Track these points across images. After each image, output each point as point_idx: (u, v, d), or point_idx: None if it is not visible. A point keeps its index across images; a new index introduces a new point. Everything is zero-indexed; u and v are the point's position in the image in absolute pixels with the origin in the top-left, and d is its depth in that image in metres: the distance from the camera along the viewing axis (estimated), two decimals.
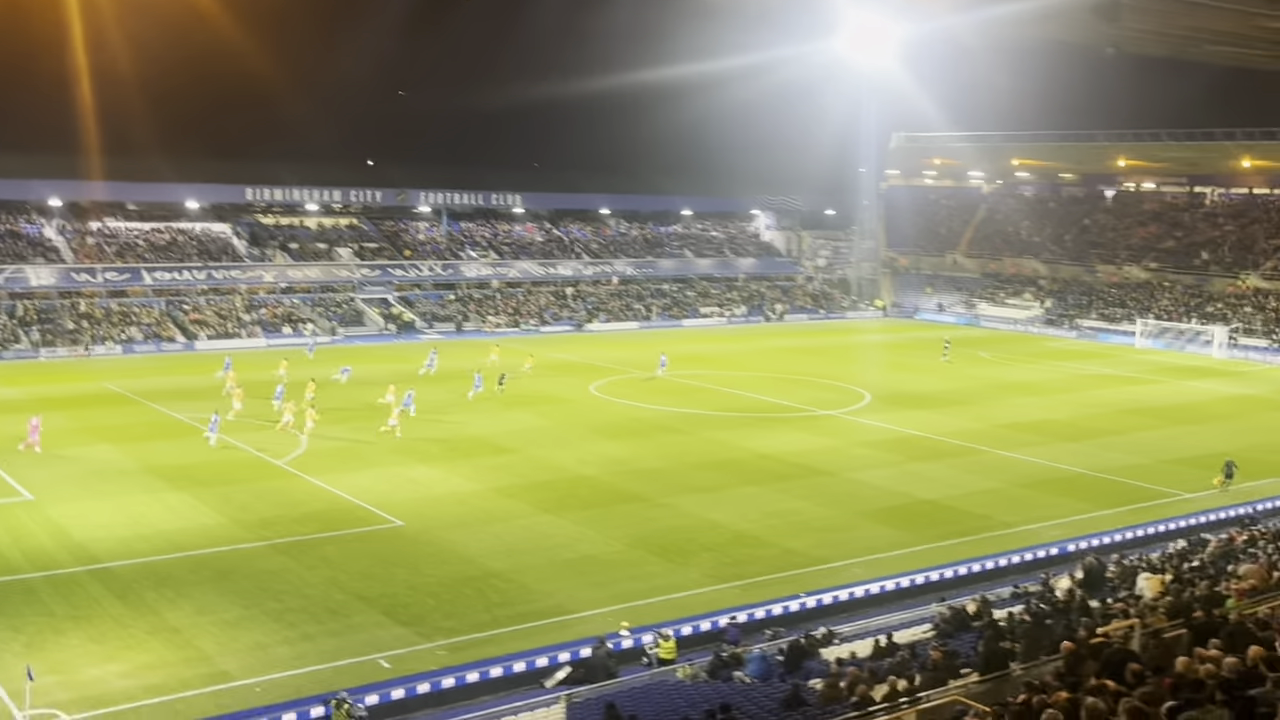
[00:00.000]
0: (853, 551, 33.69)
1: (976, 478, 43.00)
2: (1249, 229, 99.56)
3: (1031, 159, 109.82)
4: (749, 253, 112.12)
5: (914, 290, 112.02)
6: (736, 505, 38.00)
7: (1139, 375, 71.35)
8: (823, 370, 68.83)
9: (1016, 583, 30.46)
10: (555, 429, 49.51)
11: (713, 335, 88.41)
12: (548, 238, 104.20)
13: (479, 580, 30.44)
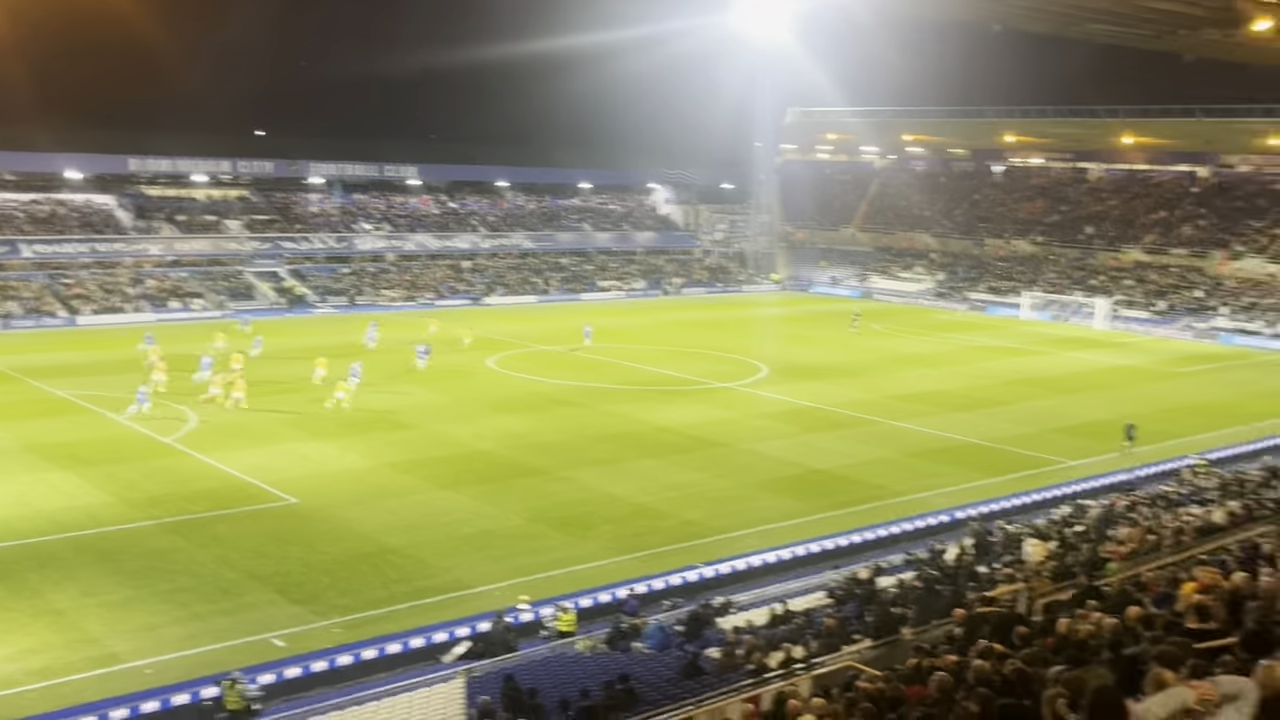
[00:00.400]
0: (749, 522, 34.08)
1: (870, 448, 43.79)
2: (1131, 204, 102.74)
3: (923, 134, 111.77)
4: (647, 226, 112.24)
5: (809, 264, 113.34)
6: (635, 478, 38.14)
7: (1025, 346, 73.27)
8: (720, 343, 69.32)
9: (908, 550, 31.12)
10: (453, 404, 49.12)
11: (611, 309, 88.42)
12: (444, 210, 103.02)
13: (375, 557, 30.09)
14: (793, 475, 39.40)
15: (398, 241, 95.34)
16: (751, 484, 38.18)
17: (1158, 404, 54.89)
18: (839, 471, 40.16)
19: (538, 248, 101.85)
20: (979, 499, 36.83)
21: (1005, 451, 44.04)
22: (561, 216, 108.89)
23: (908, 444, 44.66)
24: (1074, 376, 62.22)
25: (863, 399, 53.15)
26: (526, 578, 28.91)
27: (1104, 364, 67.47)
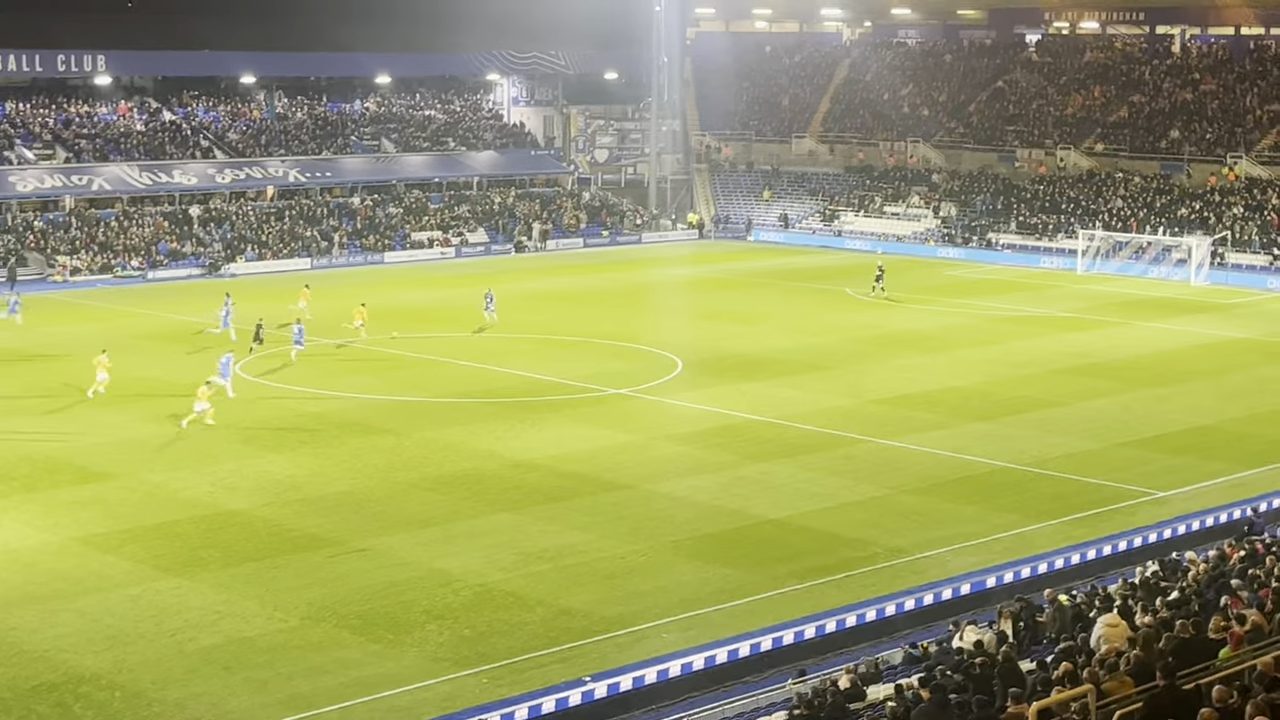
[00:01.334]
0: (663, 606, 34.04)
1: (846, 482, 43.97)
2: (1237, 89, 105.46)
3: None
4: (487, 142, 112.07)
5: (745, 196, 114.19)
6: (481, 545, 37.91)
7: (1082, 315, 74.60)
8: (610, 326, 69.23)
9: (912, 640, 31.37)
10: (178, 437, 48.47)
11: (433, 276, 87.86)
12: (154, 125, 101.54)
13: (61, 689, 29.50)
14: (728, 530, 39.44)
15: (80, 177, 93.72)
16: (664, 546, 38.15)
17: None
18: (800, 522, 40.29)
19: (310, 181, 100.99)
20: (1018, 557, 37.33)
21: (1055, 480, 44.62)
22: (347, 129, 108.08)
23: (906, 474, 44.93)
24: (1157, 360, 63.42)
25: (834, 406, 53.44)
26: (308, 712, 28.56)
27: (1203, 338, 68.95)
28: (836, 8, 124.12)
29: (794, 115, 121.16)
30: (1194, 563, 32.08)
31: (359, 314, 65.49)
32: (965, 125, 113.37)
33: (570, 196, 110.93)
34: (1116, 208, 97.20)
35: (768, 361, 61.63)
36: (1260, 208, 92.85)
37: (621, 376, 58.41)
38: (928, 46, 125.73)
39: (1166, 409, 54.02)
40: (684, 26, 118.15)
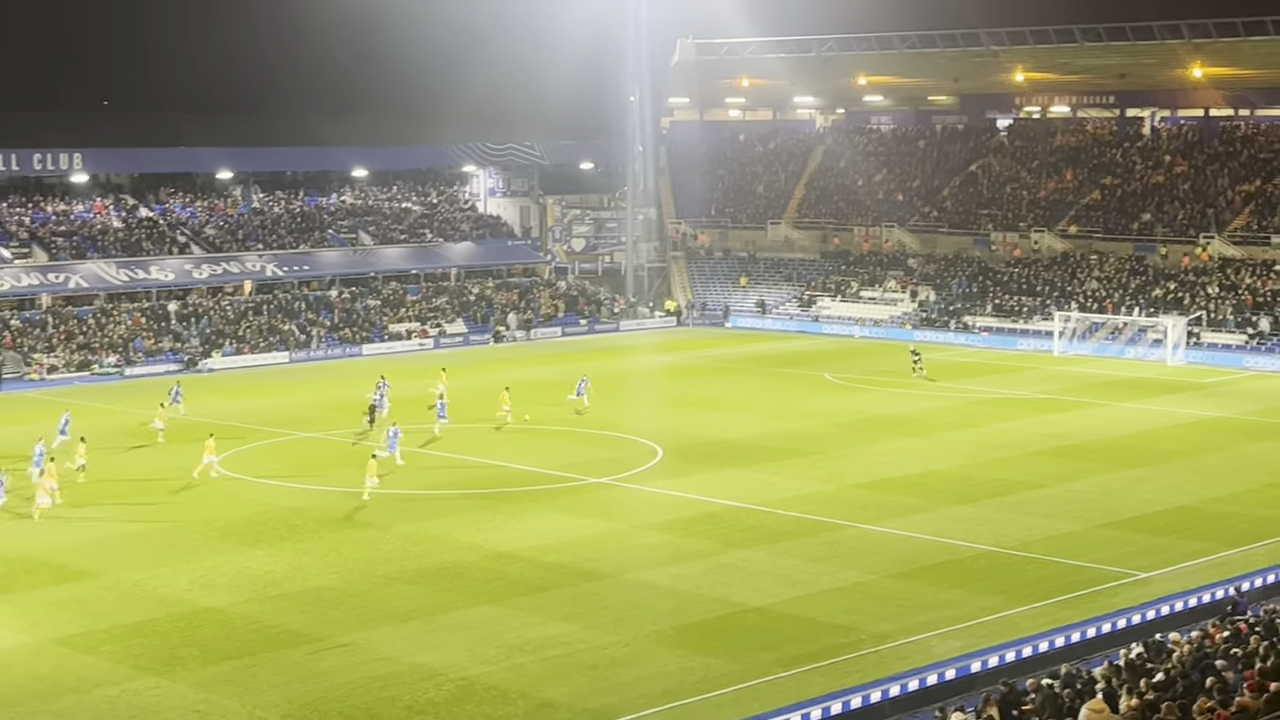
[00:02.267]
0: (646, 697, 33.85)
1: (829, 568, 43.90)
2: (1208, 170, 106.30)
3: (887, 75, 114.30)
4: (464, 233, 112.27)
5: (722, 283, 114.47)
6: (462, 638, 37.73)
7: (1061, 396, 74.82)
8: (590, 415, 69.24)
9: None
10: (155, 534, 48.23)
11: (411, 366, 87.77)
12: (132, 221, 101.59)
13: None
14: (711, 619, 39.32)
15: (56, 275, 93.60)
16: (647, 636, 38.00)
17: (1266, 476, 56.40)
18: (783, 609, 40.19)
19: (288, 275, 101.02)
20: (1003, 640, 37.18)
21: (1038, 562, 44.60)
22: (324, 223, 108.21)
23: (888, 559, 44.88)
24: (1136, 440, 63.60)
25: (815, 491, 53.47)
26: None
27: (1180, 418, 69.16)
28: (809, 95, 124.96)
29: (769, 202, 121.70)
30: (1178, 644, 31.96)
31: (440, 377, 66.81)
32: (939, 209, 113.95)
33: (547, 286, 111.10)
34: (1092, 289, 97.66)
35: (748, 447, 61.62)
36: (1234, 287, 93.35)
37: (602, 465, 58.34)
38: (900, 132, 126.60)
39: (1146, 489, 54.08)
40: (658, 116, 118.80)
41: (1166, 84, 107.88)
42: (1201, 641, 31.90)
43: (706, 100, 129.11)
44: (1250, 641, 30.54)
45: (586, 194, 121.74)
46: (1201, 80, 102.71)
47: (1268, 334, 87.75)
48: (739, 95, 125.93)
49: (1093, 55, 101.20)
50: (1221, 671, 27.52)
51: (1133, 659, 31.17)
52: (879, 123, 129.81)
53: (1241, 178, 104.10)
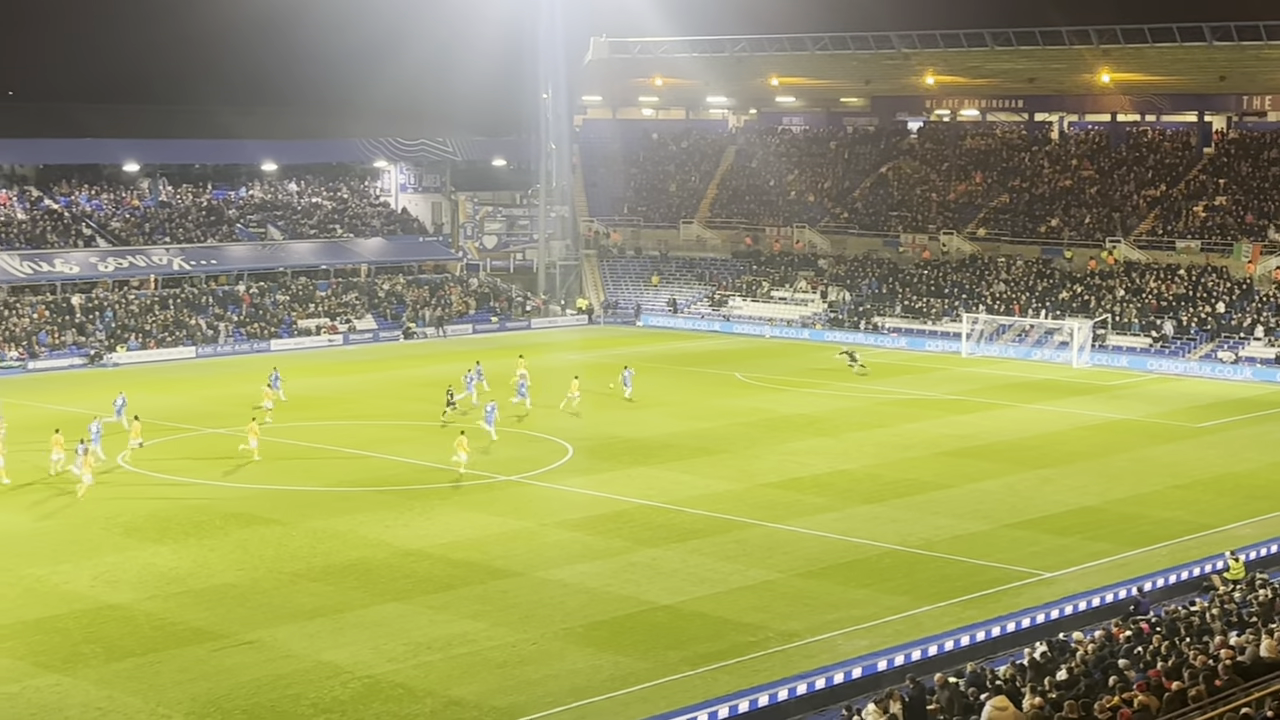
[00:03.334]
0: (554, 695, 33.83)
1: (738, 566, 44.05)
2: (1114, 175, 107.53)
3: (798, 76, 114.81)
4: (375, 229, 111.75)
5: (634, 281, 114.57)
6: (369, 636, 37.59)
7: (968, 398, 75.43)
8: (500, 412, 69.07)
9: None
10: (58, 530, 47.80)
11: (321, 363, 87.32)
12: (35, 213, 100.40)
13: None
14: (620, 617, 39.38)
15: None
16: (556, 634, 38.00)
17: (1168, 478, 57.15)
18: (692, 607, 40.29)
19: (195, 268, 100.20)
20: (909, 639, 37.41)
21: (944, 562, 44.94)
22: (233, 217, 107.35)
23: (796, 558, 45.08)
24: (1043, 441, 64.21)
25: (725, 491, 53.63)
26: None
27: (1086, 420, 69.89)
28: (722, 95, 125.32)
29: (681, 201, 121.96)
30: (1081, 643, 32.32)
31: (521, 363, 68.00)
32: (850, 211, 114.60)
33: (459, 282, 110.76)
34: (999, 291, 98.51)
35: (658, 446, 61.71)
36: (1139, 291, 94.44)
37: (512, 463, 58.28)
38: (812, 134, 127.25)
39: (1052, 490, 54.60)
40: (571, 114, 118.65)
41: (1074, 89, 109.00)
42: (1104, 641, 32.27)
43: (620, 99, 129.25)
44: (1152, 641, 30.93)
45: (499, 191, 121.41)
46: (1109, 85, 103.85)
47: (1171, 337, 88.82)
48: (652, 94, 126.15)
49: (1002, 59, 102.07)
50: (1124, 670, 27.85)
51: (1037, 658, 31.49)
52: (791, 123, 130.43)
53: (1147, 182, 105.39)
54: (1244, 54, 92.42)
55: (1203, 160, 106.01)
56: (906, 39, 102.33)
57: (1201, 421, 69.67)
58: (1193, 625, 32.72)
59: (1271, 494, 53.99)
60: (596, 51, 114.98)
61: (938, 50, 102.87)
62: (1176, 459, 61.03)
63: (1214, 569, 41.97)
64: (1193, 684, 24.86)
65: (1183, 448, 63.63)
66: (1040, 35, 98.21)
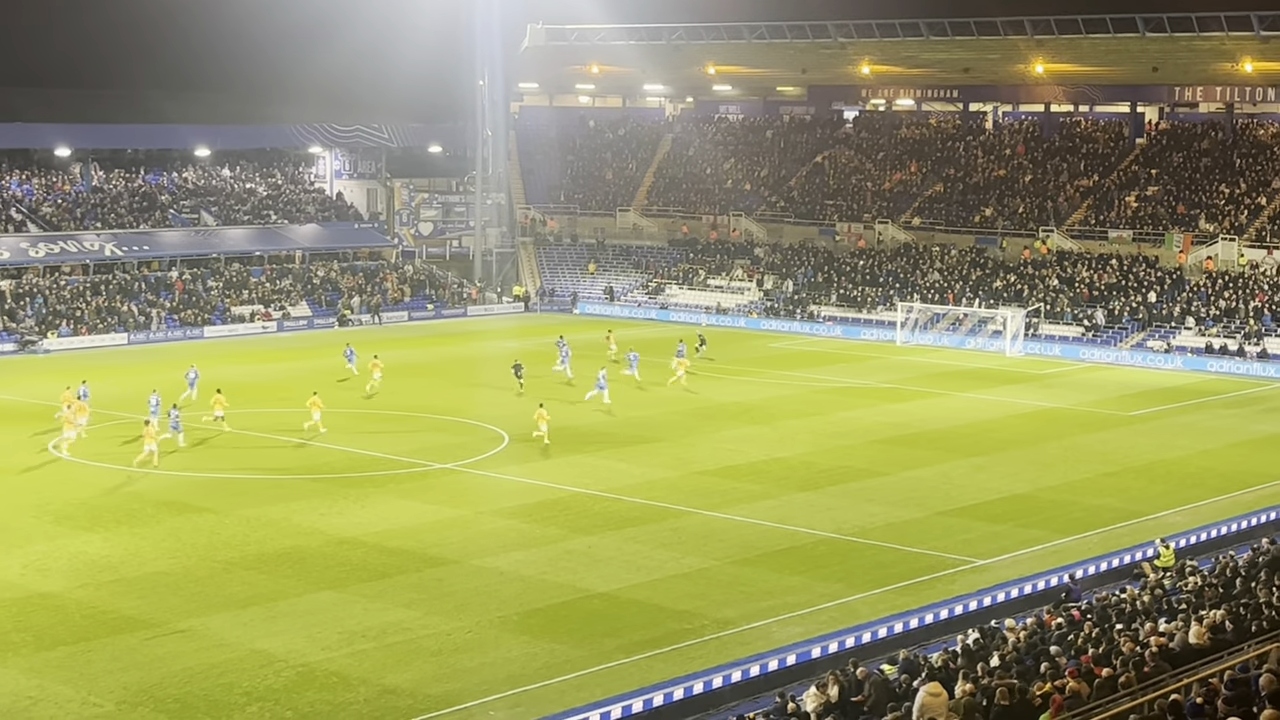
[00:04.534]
0: (489, 683, 33.85)
1: (674, 554, 44.15)
2: (1049, 164, 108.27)
3: (735, 65, 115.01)
4: (309, 215, 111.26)
5: (571, 269, 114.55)
6: (303, 624, 37.48)
7: (902, 386, 75.80)
8: (435, 400, 68.96)
9: (740, 712, 31.41)
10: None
11: (254, 350, 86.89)
12: None
13: None
14: (556, 604, 39.42)
15: None
16: (491, 622, 37.99)
17: (1100, 466, 57.65)
18: (627, 595, 40.38)
19: (127, 254, 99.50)
20: (844, 626, 37.62)
21: (878, 549, 45.20)
22: (166, 203, 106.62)
23: (732, 545, 45.23)
24: (976, 429, 64.66)
25: (660, 478, 53.72)
26: None
27: (1018, 408, 70.42)
28: (659, 83, 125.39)
29: (618, 189, 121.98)
30: (1013, 630, 32.61)
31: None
32: (786, 199, 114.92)
33: (394, 269, 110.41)
34: (934, 280, 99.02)
35: (594, 434, 61.73)
36: (1072, 280, 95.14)
37: (447, 451, 58.19)
38: (749, 122, 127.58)
39: (985, 478, 55.00)
40: (508, 101, 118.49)
41: (1009, 79, 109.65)
42: (1036, 628, 32.57)
43: (557, 86, 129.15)
44: (1083, 628, 31.24)
45: (435, 178, 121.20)
46: (1043, 76, 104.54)
47: (1103, 326, 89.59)
48: (589, 82, 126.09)
49: (937, 49, 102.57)
50: (1055, 657, 28.12)
51: (969, 645, 31.74)
52: (727, 112, 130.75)
53: (1080, 173, 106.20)
54: (1176, 45, 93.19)
55: (1135, 151, 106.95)
56: (843, 28, 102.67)
57: (1132, 410, 70.36)
58: (1123, 612, 33.08)
59: (1201, 482, 54.67)
60: (533, 38, 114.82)
61: (873, 40, 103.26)
62: (1108, 447, 61.61)
63: (1144, 556, 42.41)
64: (1123, 671, 25.15)
65: (1114, 436, 64.25)
66: (975, 25, 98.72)
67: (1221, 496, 52.24)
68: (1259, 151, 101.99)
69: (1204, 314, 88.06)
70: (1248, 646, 26.62)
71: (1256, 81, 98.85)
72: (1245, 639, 27.70)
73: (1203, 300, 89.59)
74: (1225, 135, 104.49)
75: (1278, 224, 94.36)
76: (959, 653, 31.11)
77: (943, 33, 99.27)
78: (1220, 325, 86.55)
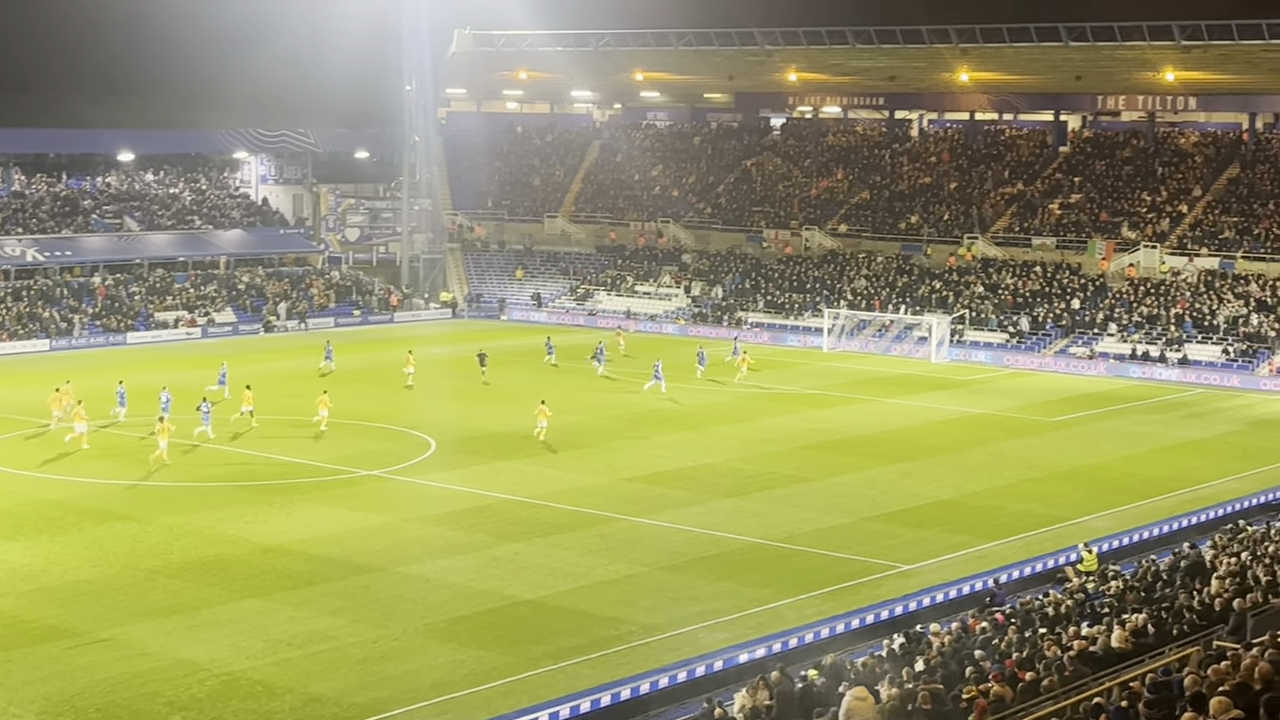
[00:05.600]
0: (415, 690, 33.76)
1: (601, 560, 44.23)
2: (973, 172, 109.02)
3: (663, 71, 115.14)
4: (234, 221, 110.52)
5: (499, 275, 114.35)
6: (227, 632, 37.27)
7: (829, 392, 76.08)
8: (362, 406, 68.63)
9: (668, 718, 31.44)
10: None
11: (178, 356, 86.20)
12: None
13: None
14: (482, 612, 39.38)
15: None
16: (417, 629, 37.91)
17: (1024, 471, 58.14)
18: (555, 601, 40.38)
19: (49, 260, 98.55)
20: (771, 632, 37.71)
21: (805, 555, 45.40)
22: (88, 207, 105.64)
23: (659, 551, 45.34)
24: (902, 435, 64.99)
25: (587, 485, 53.74)
26: None
27: (944, 414, 70.81)
28: (587, 89, 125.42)
29: (546, 195, 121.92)
30: (938, 635, 32.78)
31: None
32: (714, 206, 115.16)
33: (320, 275, 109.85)
34: (860, 287, 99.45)
35: (522, 441, 61.61)
36: (996, 287, 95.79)
37: (373, 457, 57.99)
38: (676, 129, 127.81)
39: (911, 484, 55.29)
40: (435, 106, 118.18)
41: (934, 87, 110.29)
42: (961, 632, 32.76)
43: (484, 92, 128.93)
44: (1007, 632, 31.46)
45: (362, 183, 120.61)
46: (968, 84, 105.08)
47: (1027, 333, 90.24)
48: (517, 88, 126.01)
49: (864, 57, 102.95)
50: (979, 661, 28.30)
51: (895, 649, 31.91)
52: (655, 119, 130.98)
53: (1004, 180, 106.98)
54: (1099, 54, 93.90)
55: (1058, 159, 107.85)
56: (770, 35, 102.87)
57: (1056, 416, 70.91)
58: (1047, 616, 33.34)
59: (1124, 487, 55.16)
60: (461, 44, 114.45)
61: (800, 47, 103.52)
62: (1032, 453, 62.08)
63: (1068, 561, 42.75)
64: (1046, 674, 25.34)
65: (1038, 442, 64.72)
66: (901, 34, 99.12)
67: (1143, 501, 52.76)
68: (1180, 160, 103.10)
69: (1126, 321, 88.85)
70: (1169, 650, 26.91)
71: (1178, 90, 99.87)
72: (1166, 642, 27.98)
73: (1125, 307, 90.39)
74: (1147, 144, 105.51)
75: (1198, 231, 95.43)
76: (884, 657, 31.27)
77: (869, 41, 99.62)
78: (1142, 332, 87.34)
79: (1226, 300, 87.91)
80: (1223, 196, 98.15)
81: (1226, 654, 22.06)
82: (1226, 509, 50.20)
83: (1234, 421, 70.82)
